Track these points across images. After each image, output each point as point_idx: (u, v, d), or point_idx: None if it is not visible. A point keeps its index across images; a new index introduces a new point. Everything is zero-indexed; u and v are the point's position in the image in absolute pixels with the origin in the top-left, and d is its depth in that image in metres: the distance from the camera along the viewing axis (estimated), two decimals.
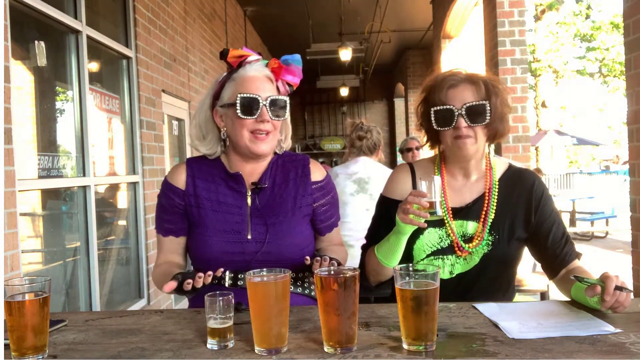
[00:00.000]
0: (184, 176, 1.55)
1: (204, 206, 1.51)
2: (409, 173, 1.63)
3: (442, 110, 1.49)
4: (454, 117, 1.47)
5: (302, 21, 9.13)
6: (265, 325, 1.06)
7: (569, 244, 1.53)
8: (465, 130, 1.47)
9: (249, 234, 1.48)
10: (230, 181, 1.54)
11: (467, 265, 1.54)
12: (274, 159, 1.59)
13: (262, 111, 1.45)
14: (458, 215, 1.55)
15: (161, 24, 4.81)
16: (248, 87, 1.46)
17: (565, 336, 1.09)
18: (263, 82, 1.48)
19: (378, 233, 1.58)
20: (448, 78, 1.52)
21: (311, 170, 1.57)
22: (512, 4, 5.20)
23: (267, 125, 1.47)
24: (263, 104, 1.45)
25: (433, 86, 1.54)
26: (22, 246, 2.64)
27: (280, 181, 1.55)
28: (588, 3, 19.53)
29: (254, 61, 1.51)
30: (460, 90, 1.49)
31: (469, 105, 1.46)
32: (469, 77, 1.52)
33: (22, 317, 1.05)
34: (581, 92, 25.89)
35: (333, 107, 15.97)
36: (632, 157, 3.08)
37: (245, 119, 1.46)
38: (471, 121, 1.47)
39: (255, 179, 1.54)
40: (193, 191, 1.53)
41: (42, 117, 3.25)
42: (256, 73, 1.49)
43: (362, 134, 3.07)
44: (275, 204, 1.52)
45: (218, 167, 1.57)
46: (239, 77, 1.49)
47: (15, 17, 2.73)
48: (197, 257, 1.53)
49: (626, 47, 3.10)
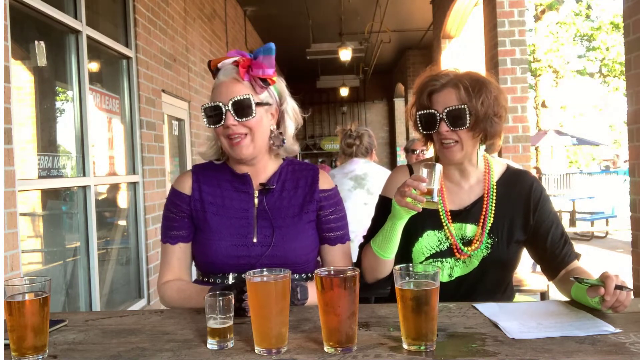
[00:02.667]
0: (190, 182, 1.55)
1: (210, 211, 1.51)
2: (407, 174, 1.63)
3: (426, 114, 1.49)
4: (436, 122, 1.47)
5: (302, 21, 9.13)
6: (265, 325, 1.06)
7: (568, 245, 1.53)
8: (449, 134, 1.46)
9: (255, 237, 1.48)
10: (237, 182, 1.53)
11: (466, 269, 1.53)
12: (284, 164, 1.58)
13: (227, 116, 1.42)
14: (457, 219, 1.54)
15: (161, 24, 4.81)
16: (214, 96, 1.45)
17: (565, 336, 1.09)
18: (229, 85, 1.44)
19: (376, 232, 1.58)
20: (431, 82, 1.51)
21: (320, 179, 1.57)
22: (512, 4, 5.20)
23: (236, 128, 1.43)
24: (226, 109, 1.42)
25: (419, 89, 1.54)
26: (22, 246, 2.64)
27: (290, 187, 1.55)
28: (588, 3, 19.52)
29: (227, 65, 1.48)
30: (443, 94, 1.48)
31: (450, 109, 1.45)
32: (454, 79, 1.49)
33: (22, 317, 1.05)
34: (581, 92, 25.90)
35: (333, 107, 15.97)
36: (632, 157, 3.08)
37: (215, 127, 1.45)
38: (453, 125, 1.45)
39: (262, 180, 1.54)
40: (199, 196, 1.53)
41: (42, 117, 3.25)
42: (223, 78, 1.46)
43: (351, 141, 3.10)
44: (282, 207, 1.52)
45: (224, 170, 1.56)
46: (213, 86, 1.49)
47: (15, 17, 2.73)
48: (202, 261, 1.52)
49: (626, 47, 3.10)
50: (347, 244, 1.61)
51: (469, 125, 1.45)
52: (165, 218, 1.57)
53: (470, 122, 1.45)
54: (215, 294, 1.11)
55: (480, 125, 1.47)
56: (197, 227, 1.53)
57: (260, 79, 1.45)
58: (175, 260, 1.54)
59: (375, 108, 16.13)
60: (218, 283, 1.48)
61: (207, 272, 1.52)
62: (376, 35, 9.69)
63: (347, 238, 1.61)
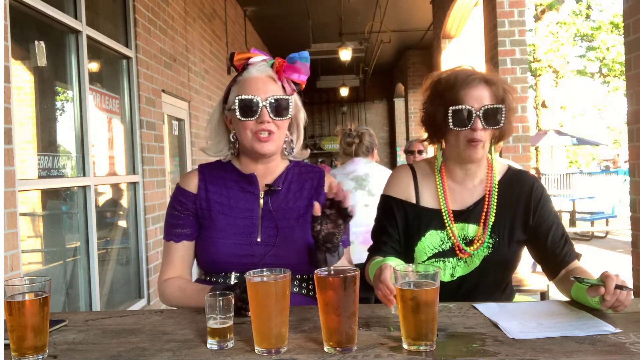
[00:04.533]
0: (196, 181, 1.56)
1: (215, 209, 1.51)
2: (409, 173, 1.63)
3: (460, 110, 1.46)
4: (471, 118, 1.45)
5: (302, 21, 9.12)
6: (265, 325, 1.06)
7: (568, 245, 1.53)
8: (480, 133, 1.46)
9: (259, 236, 1.49)
10: (243, 182, 1.54)
11: (467, 268, 1.54)
12: (290, 166, 1.59)
13: (262, 112, 1.45)
14: (459, 218, 1.55)
15: (161, 24, 4.81)
16: (248, 89, 1.46)
17: (565, 336, 1.09)
18: (265, 82, 1.47)
19: (383, 231, 1.59)
20: (469, 77, 1.49)
21: (326, 182, 1.58)
22: (512, 4, 5.20)
23: (268, 125, 1.46)
24: (263, 105, 1.44)
25: (452, 83, 1.50)
26: (22, 246, 2.64)
27: (296, 189, 1.56)
28: (588, 3, 19.52)
29: (258, 62, 1.50)
30: (478, 90, 1.47)
31: (487, 108, 1.45)
32: (486, 77, 1.50)
33: (22, 317, 1.05)
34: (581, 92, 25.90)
35: (333, 107, 15.97)
36: (632, 157, 3.08)
37: (246, 120, 1.46)
38: (487, 124, 1.46)
39: (269, 182, 1.54)
40: (205, 195, 1.54)
41: (42, 117, 3.25)
42: (258, 74, 1.48)
43: (351, 140, 3.08)
44: (288, 208, 1.52)
45: (230, 170, 1.57)
46: (242, 79, 1.50)
47: (15, 17, 2.73)
48: (205, 260, 1.52)
49: (626, 47, 3.10)
50: (347, 249, 1.61)
51: (502, 124, 1.47)
52: (169, 216, 1.57)
53: (504, 121, 1.47)
54: (215, 294, 1.11)
55: (507, 126, 1.50)
56: (201, 226, 1.53)
57: (293, 83, 1.51)
58: (178, 258, 1.54)
59: (375, 108, 16.12)
60: (220, 282, 1.48)
61: (210, 271, 1.52)
62: (376, 35, 9.68)
63: (347, 243, 1.61)
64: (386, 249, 1.57)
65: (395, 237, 1.58)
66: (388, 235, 1.58)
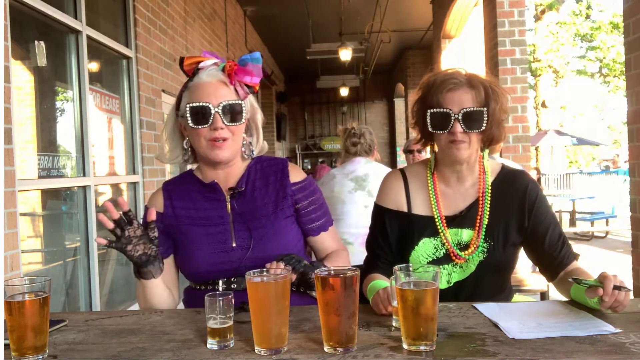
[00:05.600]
0: (161, 199, 1.55)
1: (185, 223, 1.51)
2: (400, 180, 1.61)
3: (439, 113, 1.45)
4: (450, 122, 1.43)
5: (302, 21, 9.12)
6: (265, 325, 1.06)
7: (566, 246, 1.51)
8: (460, 136, 1.44)
9: (234, 241, 1.48)
10: (207, 192, 1.53)
11: (463, 273, 1.52)
12: (251, 164, 1.57)
13: (215, 118, 1.41)
14: (452, 224, 1.52)
15: (161, 24, 4.81)
16: (199, 95, 1.43)
17: (565, 336, 1.09)
18: (216, 87, 1.44)
19: (376, 242, 1.58)
20: (448, 80, 1.47)
21: (290, 172, 1.55)
22: (512, 4, 5.20)
23: (222, 132, 1.43)
24: (215, 111, 1.41)
25: (431, 86, 1.49)
26: (22, 246, 2.64)
27: (260, 185, 1.54)
28: (588, 3, 19.52)
29: (209, 66, 1.47)
30: (459, 94, 1.45)
31: (467, 111, 1.43)
32: (469, 80, 1.47)
33: (22, 317, 1.05)
34: (581, 92, 25.91)
35: (333, 107, 15.96)
36: (632, 157, 3.08)
37: (198, 128, 1.43)
38: (467, 127, 1.43)
39: (232, 184, 1.52)
40: (172, 212, 1.53)
41: (42, 117, 3.25)
42: (208, 79, 1.45)
43: (356, 140, 3.06)
44: (256, 208, 1.51)
45: (193, 182, 1.56)
46: (193, 85, 1.46)
47: (15, 17, 2.73)
48: (187, 273, 1.54)
49: (626, 47, 3.10)
50: (331, 229, 1.62)
51: (484, 128, 1.44)
52: None
53: (486, 125, 1.44)
54: (215, 294, 1.11)
55: (491, 129, 1.47)
56: (176, 242, 1.53)
57: (246, 86, 1.46)
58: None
59: (375, 108, 16.12)
60: (210, 289, 1.48)
61: (197, 281, 1.53)
62: (376, 35, 9.68)
63: (329, 224, 1.61)
64: (381, 264, 1.56)
65: (389, 250, 1.57)
66: (382, 249, 1.57)
